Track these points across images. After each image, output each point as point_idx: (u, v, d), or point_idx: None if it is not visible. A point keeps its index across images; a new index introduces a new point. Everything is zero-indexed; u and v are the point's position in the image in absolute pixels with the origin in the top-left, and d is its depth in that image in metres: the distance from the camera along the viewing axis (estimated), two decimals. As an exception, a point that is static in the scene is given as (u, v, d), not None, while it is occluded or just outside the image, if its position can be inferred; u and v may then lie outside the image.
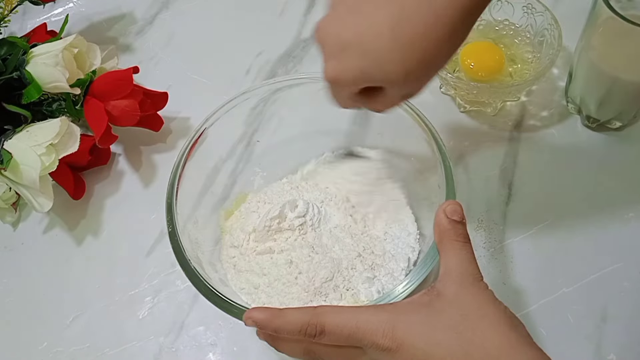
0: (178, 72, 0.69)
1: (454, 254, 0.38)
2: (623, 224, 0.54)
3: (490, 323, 0.35)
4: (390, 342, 0.35)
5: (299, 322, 0.36)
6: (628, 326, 0.49)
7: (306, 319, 0.36)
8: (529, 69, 0.60)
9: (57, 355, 0.52)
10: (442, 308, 0.35)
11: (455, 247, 0.38)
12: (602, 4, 0.49)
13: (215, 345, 0.51)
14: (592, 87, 0.56)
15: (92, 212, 0.60)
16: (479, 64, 0.60)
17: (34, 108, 0.58)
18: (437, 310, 0.35)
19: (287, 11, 0.73)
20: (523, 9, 0.60)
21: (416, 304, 0.37)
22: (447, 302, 0.36)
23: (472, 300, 0.36)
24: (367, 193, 0.52)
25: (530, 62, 0.60)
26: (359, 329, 0.35)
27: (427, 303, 0.36)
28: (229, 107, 0.52)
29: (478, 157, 0.59)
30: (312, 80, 0.53)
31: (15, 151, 0.53)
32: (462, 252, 0.38)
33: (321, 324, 0.36)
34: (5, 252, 0.58)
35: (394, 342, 0.34)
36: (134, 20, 0.75)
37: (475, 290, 0.36)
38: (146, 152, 0.63)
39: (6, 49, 0.59)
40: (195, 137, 0.50)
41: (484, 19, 0.63)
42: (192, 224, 0.49)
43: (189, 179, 0.49)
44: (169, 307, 0.53)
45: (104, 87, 0.57)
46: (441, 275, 0.38)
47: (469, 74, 0.60)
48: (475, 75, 0.59)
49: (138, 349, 0.51)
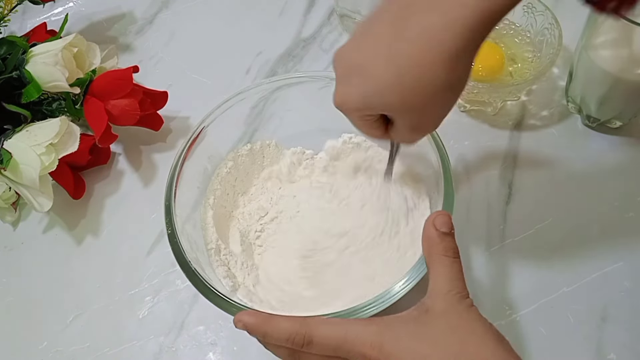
0: (178, 72, 0.69)
1: (443, 271, 0.37)
2: (623, 223, 0.54)
3: (479, 338, 0.35)
4: (377, 354, 0.34)
5: (287, 331, 0.36)
6: (628, 326, 0.49)
7: (295, 328, 0.36)
8: (529, 69, 0.60)
9: (57, 354, 0.52)
10: (431, 323, 0.35)
11: (445, 263, 0.37)
12: (602, 3, 0.49)
13: (215, 345, 0.51)
14: (592, 86, 0.55)
15: (92, 211, 0.60)
16: (479, 63, 0.59)
17: (34, 107, 0.58)
18: (426, 325, 0.35)
19: (287, 11, 0.73)
20: (523, 8, 0.60)
21: (405, 318, 0.36)
22: (435, 317, 0.36)
23: (459, 317, 0.36)
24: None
25: (531, 61, 0.60)
26: (347, 340, 0.35)
27: (416, 317, 0.36)
28: (228, 106, 0.52)
29: (478, 156, 0.59)
30: (312, 79, 0.53)
31: (15, 151, 0.53)
32: (451, 269, 0.37)
33: (309, 334, 0.36)
34: (5, 251, 0.58)
35: (382, 354, 0.34)
36: (134, 19, 0.75)
37: (462, 307, 0.36)
38: (146, 151, 0.63)
39: (6, 49, 0.59)
40: (193, 136, 0.50)
41: None
42: (191, 225, 0.49)
43: (188, 179, 0.49)
44: (169, 307, 0.53)
45: (104, 87, 0.57)
46: (430, 292, 0.37)
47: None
48: (475, 74, 0.59)
49: (138, 349, 0.51)
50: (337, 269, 0.49)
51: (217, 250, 0.50)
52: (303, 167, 0.56)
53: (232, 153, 0.54)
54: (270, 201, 0.54)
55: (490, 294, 0.51)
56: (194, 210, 0.51)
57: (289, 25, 0.71)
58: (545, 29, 0.59)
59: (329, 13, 0.71)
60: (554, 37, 0.57)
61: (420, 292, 0.51)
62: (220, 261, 0.50)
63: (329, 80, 0.53)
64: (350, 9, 0.63)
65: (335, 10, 0.68)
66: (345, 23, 0.66)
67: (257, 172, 0.56)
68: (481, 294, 0.51)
